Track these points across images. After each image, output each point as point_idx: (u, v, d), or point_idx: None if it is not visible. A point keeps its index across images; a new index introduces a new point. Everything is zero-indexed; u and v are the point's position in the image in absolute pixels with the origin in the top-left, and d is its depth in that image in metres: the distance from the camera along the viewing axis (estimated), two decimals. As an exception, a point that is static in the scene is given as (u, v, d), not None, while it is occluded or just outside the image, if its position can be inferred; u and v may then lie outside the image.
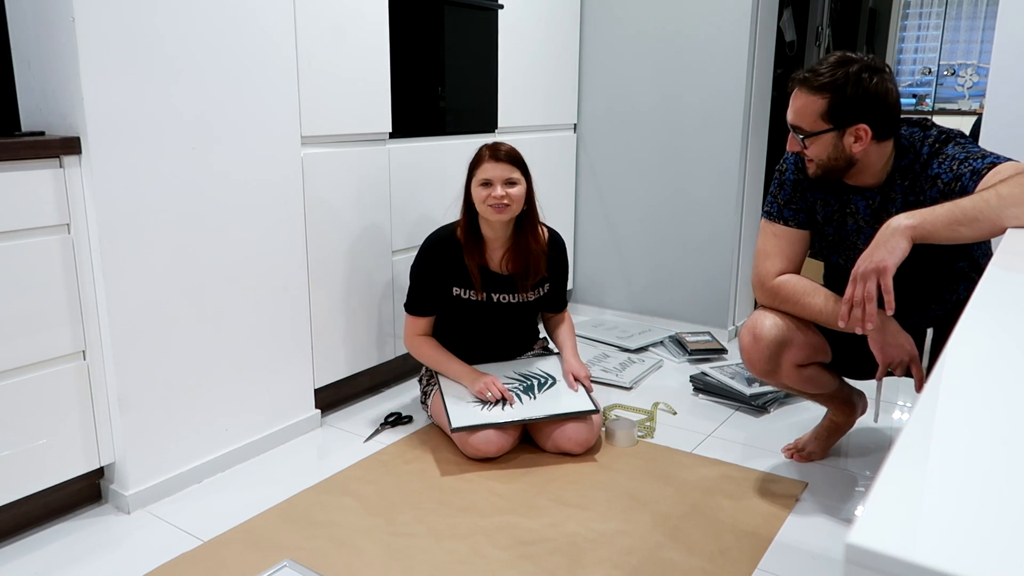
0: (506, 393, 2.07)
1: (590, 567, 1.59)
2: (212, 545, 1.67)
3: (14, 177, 1.54)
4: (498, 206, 2.06)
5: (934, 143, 1.61)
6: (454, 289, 2.18)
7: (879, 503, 0.48)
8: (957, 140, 1.60)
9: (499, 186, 2.06)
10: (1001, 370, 0.72)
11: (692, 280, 3.13)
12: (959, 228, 1.38)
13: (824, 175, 1.67)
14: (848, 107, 1.56)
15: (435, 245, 2.18)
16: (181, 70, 1.76)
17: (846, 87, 1.55)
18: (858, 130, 1.57)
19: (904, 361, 1.62)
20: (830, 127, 1.59)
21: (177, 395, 1.86)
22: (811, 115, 1.60)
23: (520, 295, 2.20)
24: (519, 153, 2.13)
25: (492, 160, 2.07)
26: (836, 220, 1.75)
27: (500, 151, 2.09)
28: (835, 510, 1.81)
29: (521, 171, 2.10)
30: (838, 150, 1.61)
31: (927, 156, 1.60)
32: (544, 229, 2.25)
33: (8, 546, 1.67)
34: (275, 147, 2.01)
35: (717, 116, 2.95)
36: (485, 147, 2.12)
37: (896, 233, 1.41)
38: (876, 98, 1.56)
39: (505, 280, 2.18)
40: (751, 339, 1.77)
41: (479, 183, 2.08)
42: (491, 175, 2.06)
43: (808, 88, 1.60)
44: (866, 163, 1.63)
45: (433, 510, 1.81)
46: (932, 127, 1.64)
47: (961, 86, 6.24)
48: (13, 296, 1.56)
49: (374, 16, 2.24)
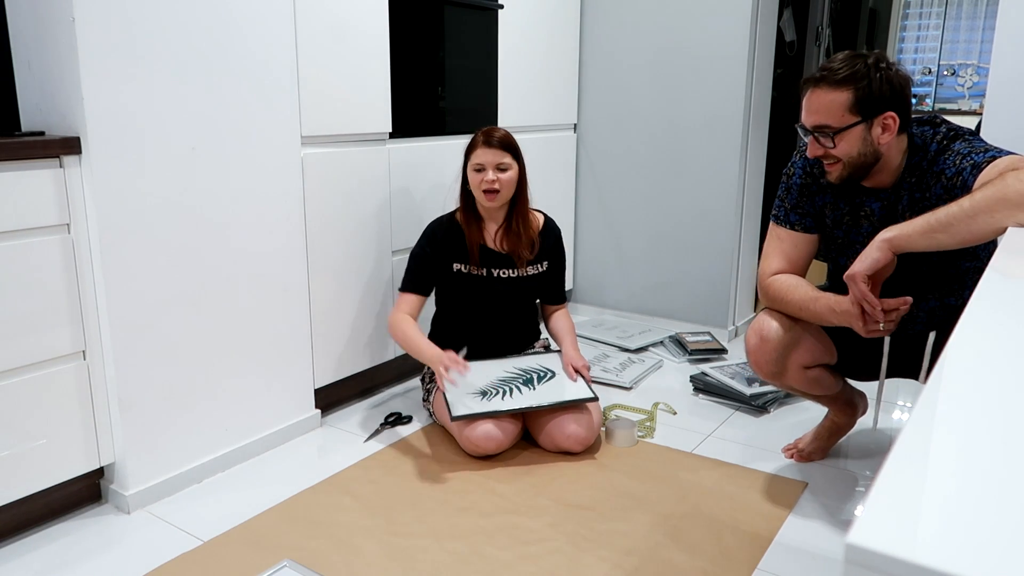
0: (464, 365, 1.99)
1: (590, 567, 1.59)
2: (212, 545, 1.67)
3: (14, 177, 1.54)
4: (489, 192, 2.13)
5: (943, 140, 1.60)
6: (455, 265, 2.22)
7: (879, 503, 0.48)
8: (965, 137, 1.59)
9: (491, 171, 2.12)
10: (1001, 370, 0.72)
11: (692, 280, 3.13)
12: (935, 235, 1.41)
13: (851, 175, 1.63)
14: (875, 96, 1.55)
15: (437, 226, 2.26)
16: (181, 70, 1.76)
17: (869, 76, 1.55)
18: (886, 119, 1.56)
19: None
20: (859, 119, 1.56)
21: (177, 395, 1.86)
22: (838, 109, 1.57)
23: (519, 270, 2.24)
24: (513, 138, 2.18)
25: (485, 146, 2.14)
26: (847, 223, 1.74)
27: (493, 137, 2.15)
28: (835, 510, 1.81)
29: (512, 155, 2.16)
30: (867, 144, 1.59)
31: (935, 153, 1.60)
32: (539, 215, 2.31)
33: (8, 546, 1.67)
34: (275, 147, 2.01)
35: (717, 116, 2.95)
36: (480, 132, 2.19)
37: (873, 244, 1.48)
38: (898, 85, 1.56)
39: (503, 257, 2.24)
40: (758, 341, 1.77)
41: (473, 167, 2.15)
42: (483, 160, 2.13)
43: (828, 84, 1.57)
44: (887, 159, 1.62)
45: (433, 510, 1.81)
46: (942, 124, 1.63)
47: (961, 86, 6.24)
48: (13, 296, 1.56)
49: (374, 16, 2.24)
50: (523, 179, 2.21)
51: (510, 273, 2.24)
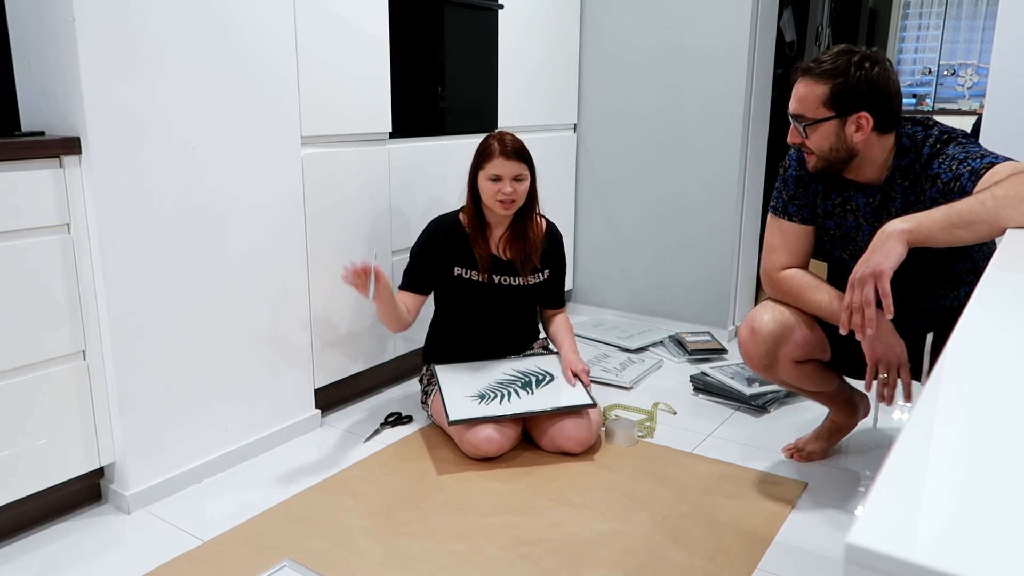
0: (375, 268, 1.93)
1: (590, 567, 1.59)
2: (212, 545, 1.67)
3: (14, 177, 1.54)
4: (506, 202, 2.11)
5: (935, 143, 1.61)
6: (455, 269, 2.20)
7: (879, 503, 0.48)
8: (959, 140, 1.59)
9: (508, 182, 2.10)
10: (1001, 370, 0.72)
11: (692, 280, 3.13)
12: (956, 231, 1.39)
13: (825, 168, 1.67)
14: (850, 94, 1.57)
15: (440, 226, 2.22)
16: (181, 70, 1.76)
17: (848, 74, 1.56)
18: (859, 118, 1.58)
19: (892, 362, 1.62)
20: (832, 114, 1.59)
21: (177, 395, 1.86)
22: (813, 102, 1.61)
23: (521, 278, 2.23)
24: (524, 146, 2.17)
25: (502, 157, 2.10)
26: (837, 215, 1.75)
27: (509, 147, 2.12)
28: (835, 510, 1.81)
29: (528, 166, 2.15)
30: (839, 140, 1.61)
31: (928, 156, 1.61)
32: (542, 220, 2.30)
33: (8, 546, 1.67)
34: (275, 147, 2.01)
35: (717, 116, 2.95)
36: (494, 140, 2.14)
37: (892, 237, 1.42)
38: (877, 87, 1.57)
39: (507, 264, 2.22)
40: (748, 333, 1.79)
41: (488, 177, 2.12)
42: (501, 171, 2.10)
43: (811, 76, 1.60)
44: (867, 156, 1.64)
45: (433, 510, 1.81)
46: (934, 126, 1.64)
47: (961, 86, 6.24)
48: (13, 296, 1.56)
49: (374, 16, 2.24)
50: (534, 187, 2.20)
51: (512, 281, 2.23)
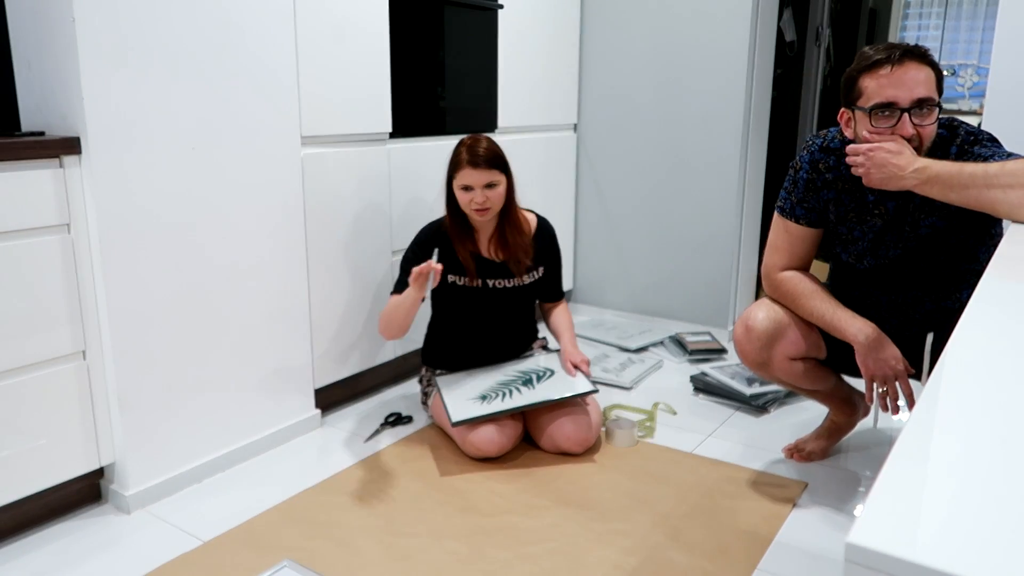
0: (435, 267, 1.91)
1: (590, 567, 1.59)
2: (212, 545, 1.67)
3: (14, 177, 1.54)
4: (480, 210, 2.08)
5: (962, 143, 1.59)
6: (449, 277, 2.18)
7: (879, 503, 0.48)
8: (985, 142, 1.58)
9: (480, 191, 2.06)
10: (1001, 370, 0.72)
11: (692, 280, 3.13)
12: (948, 193, 1.45)
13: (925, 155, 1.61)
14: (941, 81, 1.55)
15: (429, 234, 2.19)
16: (181, 70, 1.76)
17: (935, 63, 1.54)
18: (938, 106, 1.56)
19: (889, 376, 1.62)
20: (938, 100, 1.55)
21: (177, 395, 1.86)
22: (932, 85, 1.54)
23: (516, 279, 2.20)
24: (498, 149, 2.11)
25: (470, 167, 2.05)
26: (851, 220, 1.73)
27: (479, 156, 2.05)
28: (835, 510, 1.81)
29: (500, 170, 2.09)
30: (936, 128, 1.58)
31: (955, 156, 1.58)
32: (531, 215, 2.26)
33: (8, 546, 1.67)
34: (275, 147, 2.01)
35: (717, 116, 2.95)
36: (463, 149, 2.08)
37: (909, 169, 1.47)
38: None
39: (499, 266, 2.19)
40: (743, 330, 1.80)
41: (459, 187, 2.08)
42: (471, 181, 2.05)
43: (920, 59, 1.52)
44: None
45: (433, 510, 1.81)
46: (959, 127, 1.62)
47: (961, 86, 6.24)
48: (13, 296, 1.56)
49: (374, 16, 2.24)
50: (511, 189, 2.14)
51: (507, 283, 2.20)
